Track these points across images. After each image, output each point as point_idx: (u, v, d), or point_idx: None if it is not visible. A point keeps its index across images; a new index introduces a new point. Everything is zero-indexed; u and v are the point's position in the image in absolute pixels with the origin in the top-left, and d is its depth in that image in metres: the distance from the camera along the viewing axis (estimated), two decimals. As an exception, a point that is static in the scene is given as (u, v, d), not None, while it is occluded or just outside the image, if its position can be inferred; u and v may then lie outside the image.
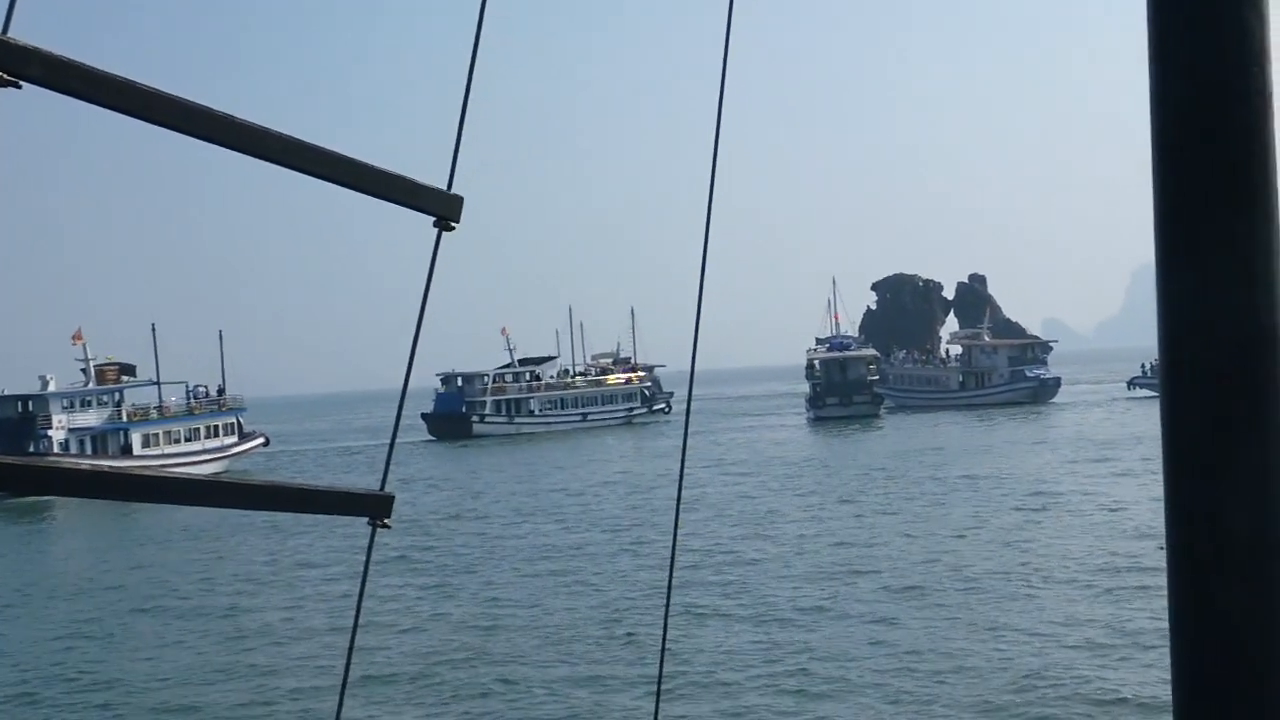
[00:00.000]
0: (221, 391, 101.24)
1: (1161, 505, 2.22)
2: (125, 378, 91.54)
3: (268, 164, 2.04)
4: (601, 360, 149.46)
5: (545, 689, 25.41)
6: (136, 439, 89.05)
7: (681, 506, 3.92)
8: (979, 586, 33.45)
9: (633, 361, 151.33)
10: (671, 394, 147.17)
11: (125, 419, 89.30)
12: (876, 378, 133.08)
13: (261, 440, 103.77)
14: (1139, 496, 48.70)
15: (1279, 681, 2.07)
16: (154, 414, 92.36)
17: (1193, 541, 2.11)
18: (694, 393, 3.91)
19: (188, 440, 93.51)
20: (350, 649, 2.77)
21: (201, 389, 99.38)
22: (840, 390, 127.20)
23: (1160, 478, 2.21)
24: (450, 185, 2.28)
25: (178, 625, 34.43)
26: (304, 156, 2.06)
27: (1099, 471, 60.90)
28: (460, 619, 32.87)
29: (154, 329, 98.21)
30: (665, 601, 4.05)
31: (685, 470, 3.89)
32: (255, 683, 27.36)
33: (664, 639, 4.25)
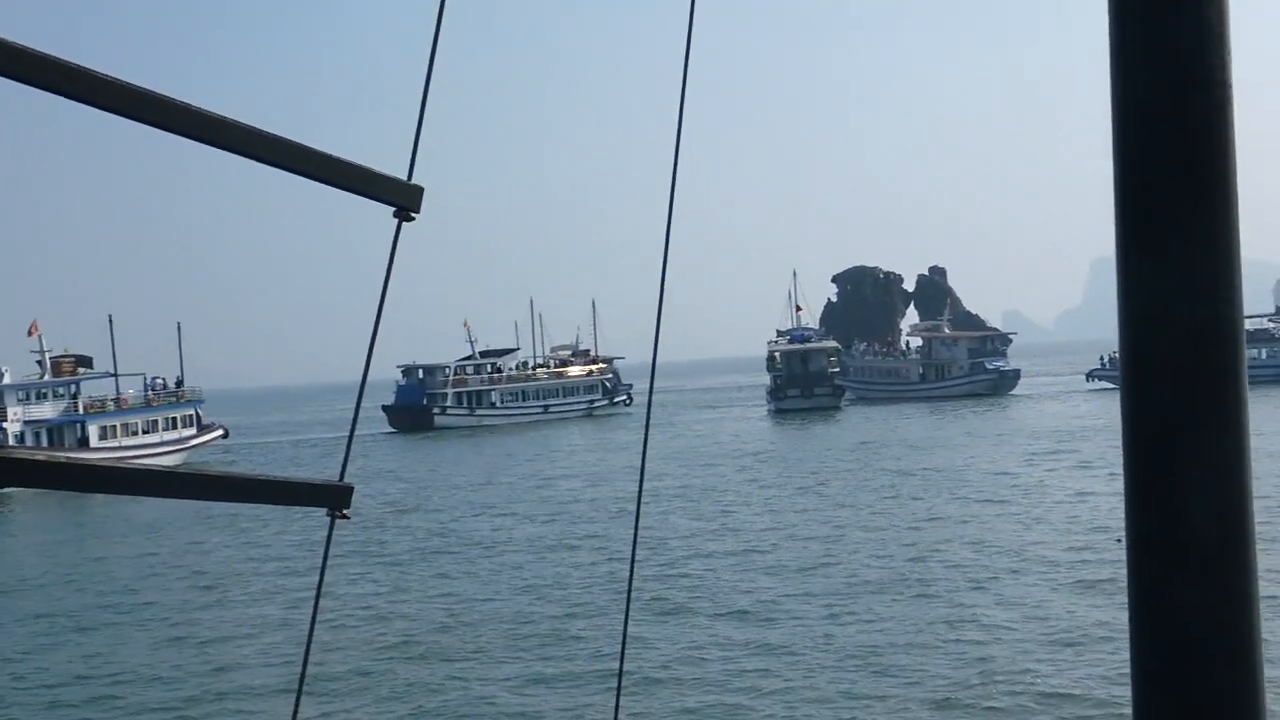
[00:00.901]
0: (179, 383, 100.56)
1: (1120, 498, 2.21)
2: (82, 370, 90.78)
3: (228, 154, 2.02)
4: (560, 352, 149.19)
5: (505, 684, 25.34)
6: (93, 431, 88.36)
7: (642, 499, 3.91)
8: (938, 580, 33.56)
9: (592, 353, 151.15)
10: (630, 385, 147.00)
11: (82, 411, 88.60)
12: (837, 370, 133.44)
13: (220, 432, 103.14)
14: (1097, 489, 48.95)
15: (1239, 670, 2.08)
16: (111, 406, 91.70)
17: (1153, 531, 2.12)
18: (655, 384, 3.91)
19: (145, 432, 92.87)
20: (308, 642, 2.75)
21: (159, 381, 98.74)
22: (801, 382, 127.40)
23: (1119, 470, 2.21)
24: (410, 175, 2.27)
25: (132, 620, 34.20)
26: (263, 146, 2.04)
27: (1058, 464, 61.13)
28: (419, 614, 32.75)
29: (111, 320, 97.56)
30: (626, 595, 4.03)
31: (646, 462, 3.88)
32: (210, 679, 27.19)
33: (624, 633, 4.23)
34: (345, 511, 2.27)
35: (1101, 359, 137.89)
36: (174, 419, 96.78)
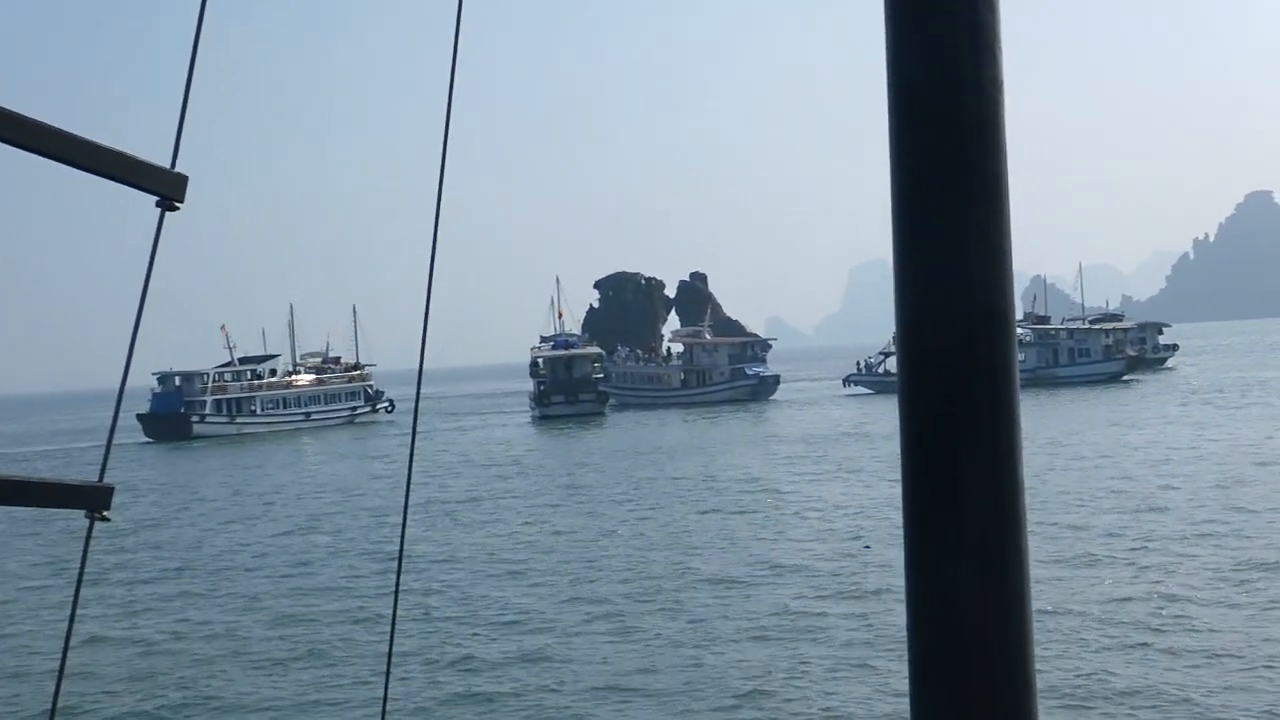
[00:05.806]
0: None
1: (872, 501, 2.24)
2: None
3: None
4: (310, 359, 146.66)
5: (260, 709, 24.46)
6: None
7: (405, 508, 3.84)
8: (697, 589, 33.61)
9: (343, 360, 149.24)
10: (382, 392, 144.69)
11: None
12: (601, 376, 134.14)
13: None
14: (851, 496, 49.92)
15: (1013, 654, 2.13)
16: None
17: (930, 521, 2.15)
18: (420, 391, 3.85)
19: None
20: (64, 650, 2.62)
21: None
22: (565, 388, 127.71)
23: (872, 475, 2.24)
24: (174, 163, 2.18)
25: None
26: (11, 127, 1.92)
27: (813, 469, 62.24)
28: (161, 643, 30.93)
29: None
30: (391, 614, 3.96)
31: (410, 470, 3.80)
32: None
33: (389, 658, 4.13)
34: (105, 514, 2.17)
35: (858, 364, 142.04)
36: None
